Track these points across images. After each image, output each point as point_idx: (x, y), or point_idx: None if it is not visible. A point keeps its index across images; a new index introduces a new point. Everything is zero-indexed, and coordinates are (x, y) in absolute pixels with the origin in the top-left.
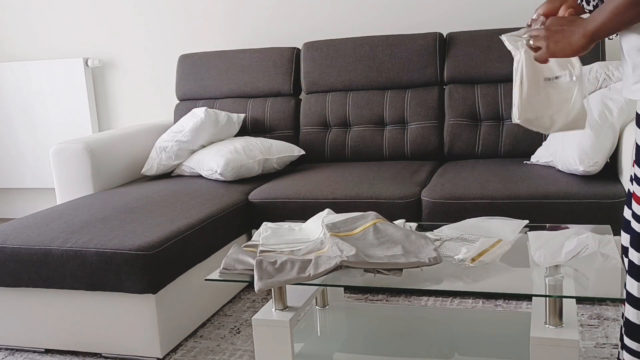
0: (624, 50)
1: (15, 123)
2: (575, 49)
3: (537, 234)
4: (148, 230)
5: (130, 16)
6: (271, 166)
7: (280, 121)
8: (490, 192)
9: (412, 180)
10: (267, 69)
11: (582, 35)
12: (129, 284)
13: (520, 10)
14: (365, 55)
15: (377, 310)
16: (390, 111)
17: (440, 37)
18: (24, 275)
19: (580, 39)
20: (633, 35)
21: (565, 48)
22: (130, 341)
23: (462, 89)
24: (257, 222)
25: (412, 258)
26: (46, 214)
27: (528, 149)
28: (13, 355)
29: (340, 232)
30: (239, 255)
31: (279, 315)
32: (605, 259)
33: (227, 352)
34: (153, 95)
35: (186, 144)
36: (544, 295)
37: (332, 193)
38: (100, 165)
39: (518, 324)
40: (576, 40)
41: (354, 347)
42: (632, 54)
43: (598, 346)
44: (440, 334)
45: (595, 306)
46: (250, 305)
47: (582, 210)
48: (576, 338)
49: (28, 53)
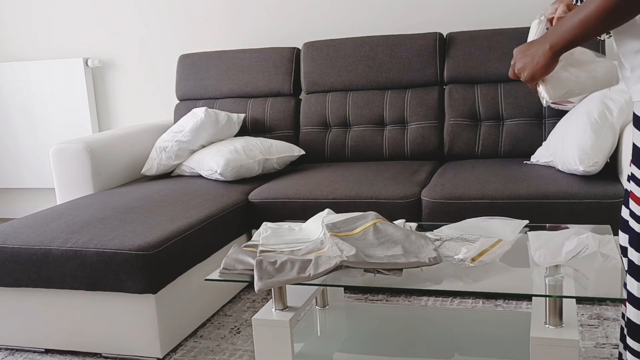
0: (620, 53)
1: (15, 123)
2: (542, 66)
3: (537, 234)
4: (148, 230)
5: (130, 16)
6: (271, 166)
7: (280, 121)
8: (490, 192)
9: (412, 180)
10: (267, 69)
11: (546, 50)
12: (129, 284)
13: (520, 10)
14: (365, 55)
15: (377, 310)
16: (390, 111)
17: (440, 37)
18: (24, 275)
19: (543, 55)
20: (628, 39)
21: (534, 69)
22: (130, 341)
23: (462, 89)
24: (257, 222)
25: (412, 258)
26: (46, 214)
27: (528, 149)
28: (13, 355)
29: (340, 232)
30: (239, 255)
31: (279, 315)
32: (605, 259)
33: (227, 352)
34: (153, 95)
35: (186, 144)
36: (544, 295)
37: (332, 193)
38: (100, 165)
39: (518, 324)
40: (540, 57)
41: (354, 347)
42: (629, 57)
43: (598, 346)
44: (440, 334)
45: (595, 306)
46: (250, 305)
47: (582, 210)
48: (576, 338)
49: (28, 53)
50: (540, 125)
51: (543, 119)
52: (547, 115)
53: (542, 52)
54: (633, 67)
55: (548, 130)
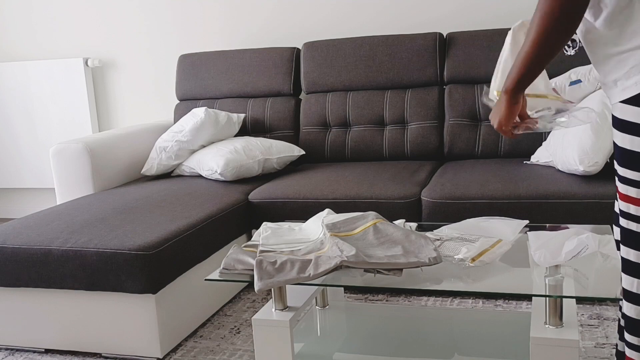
0: (594, 63)
1: (15, 123)
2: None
3: (537, 234)
4: (148, 230)
5: (130, 16)
6: (271, 166)
7: (280, 121)
8: (490, 192)
9: (412, 180)
10: (267, 69)
11: (503, 97)
12: (129, 284)
13: (520, 10)
14: (365, 55)
15: (377, 310)
16: (390, 111)
17: (440, 37)
18: (24, 275)
19: (502, 102)
20: (597, 49)
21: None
22: (130, 341)
23: (462, 89)
24: (257, 222)
25: (412, 258)
26: (46, 214)
27: (528, 149)
28: (13, 355)
29: (340, 232)
30: (239, 255)
31: (279, 315)
32: (605, 259)
33: (227, 352)
34: (153, 95)
35: (186, 144)
36: (544, 295)
37: (332, 193)
38: (100, 165)
39: (518, 324)
40: (501, 104)
41: (354, 347)
42: (601, 66)
43: (598, 346)
44: (440, 334)
45: (595, 306)
46: (250, 305)
47: (582, 210)
48: (576, 338)
49: (28, 53)
50: None
51: None
52: None
53: (502, 100)
54: (605, 73)
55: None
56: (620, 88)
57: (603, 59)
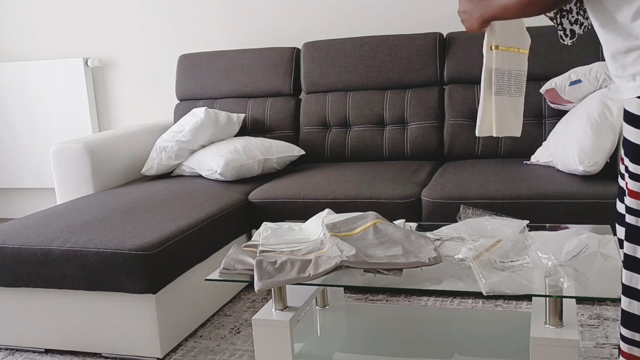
0: (609, 54)
1: (15, 123)
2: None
3: (537, 234)
4: (148, 230)
5: (130, 16)
6: (271, 166)
7: (280, 121)
8: (490, 192)
9: (412, 180)
10: (267, 69)
11: (477, 17)
12: (129, 284)
13: None
14: (365, 55)
15: (377, 310)
16: (390, 111)
17: (440, 37)
18: (24, 275)
19: (475, 20)
20: (618, 39)
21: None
22: (130, 341)
23: (462, 89)
24: (257, 222)
25: (412, 258)
26: (46, 214)
27: (528, 149)
28: (13, 355)
29: (340, 232)
30: (239, 255)
31: (279, 315)
32: (605, 259)
33: (227, 352)
34: (153, 95)
35: (186, 144)
36: (544, 295)
37: (332, 193)
38: (100, 165)
39: (518, 324)
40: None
41: (354, 347)
42: (619, 57)
43: (598, 346)
44: (440, 334)
45: (595, 306)
46: (250, 305)
47: (582, 210)
48: (576, 338)
49: (28, 53)
50: (540, 125)
51: (543, 119)
52: (547, 115)
53: (475, 18)
54: (624, 66)
55: (548, 130)
56: (639, 82)
57: (622, 52)
